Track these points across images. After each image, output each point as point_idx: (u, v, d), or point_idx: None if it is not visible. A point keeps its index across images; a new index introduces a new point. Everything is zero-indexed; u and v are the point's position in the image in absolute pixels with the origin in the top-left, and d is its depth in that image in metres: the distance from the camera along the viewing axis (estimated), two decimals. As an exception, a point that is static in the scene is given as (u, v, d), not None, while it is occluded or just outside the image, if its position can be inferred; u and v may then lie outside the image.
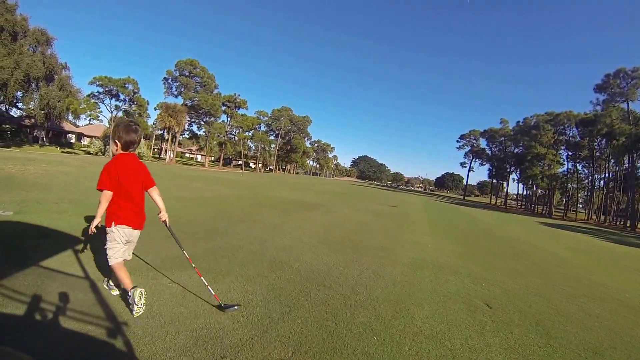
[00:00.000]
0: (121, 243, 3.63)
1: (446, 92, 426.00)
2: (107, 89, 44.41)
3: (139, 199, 3.87)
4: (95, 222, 3.38)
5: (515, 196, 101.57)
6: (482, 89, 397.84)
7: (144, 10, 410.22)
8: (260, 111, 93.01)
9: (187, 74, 60.99)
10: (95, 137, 54.50)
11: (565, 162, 68.04)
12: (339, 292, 5.06)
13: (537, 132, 66.58)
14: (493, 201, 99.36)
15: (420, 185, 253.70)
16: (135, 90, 46.39)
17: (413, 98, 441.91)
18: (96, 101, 44.39)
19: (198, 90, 62.47)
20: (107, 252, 3.57)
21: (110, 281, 4.00)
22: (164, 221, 4.18)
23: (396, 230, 12.74)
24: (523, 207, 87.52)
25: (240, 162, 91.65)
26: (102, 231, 3.59)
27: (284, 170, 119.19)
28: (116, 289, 3.93)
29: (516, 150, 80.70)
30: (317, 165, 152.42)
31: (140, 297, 3.36)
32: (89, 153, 46.28)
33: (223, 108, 69.32)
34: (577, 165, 67.46)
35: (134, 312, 3.36)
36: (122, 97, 46.00)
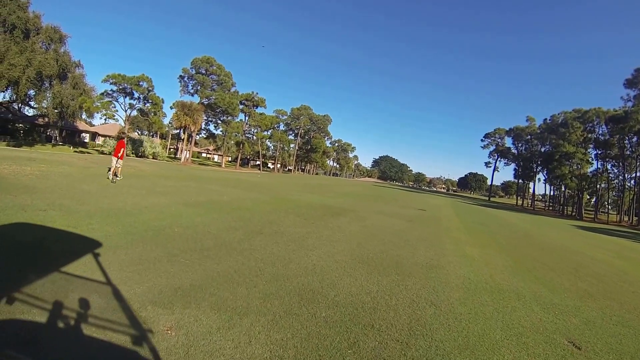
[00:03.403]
0: None
1: (469, 91, 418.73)
2: (120, 87, 44.13)
3: None
4: None
5: (540, 197, 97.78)
6: (506, 87, 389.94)
7: (159, 8, 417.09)
8: (279, 110, 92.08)
9: (203, 71, 60.38)
10: (109, 136, 54.37)
11: (594, 162, 65.53)
12: (393, 336, 3.96)
13: (566, 129, 64.11)
14: (519, 202, 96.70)
15: (443, 185, 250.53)
16: (150, 88, 46.01)
17: (435, 98, 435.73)
18: (110, 100, 44.10)
19: (215, 89, 61.80)
20: None
21: None
22: None
23: (435, 239, 11.74)
24: (550, 208, 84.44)
25: (258, 163, 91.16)
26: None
27: (303, 170, 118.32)
28: None
29: (543, 149, 78.32)
30: (337, 166, 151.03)
31: None
32: (102, 153, 45.76)
33: (241, 107, 68.58)
34: (607, 164, 64.73)
35: None
36: (136, 95, 45.75)
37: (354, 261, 7.25)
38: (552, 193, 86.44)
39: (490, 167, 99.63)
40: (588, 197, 78.49)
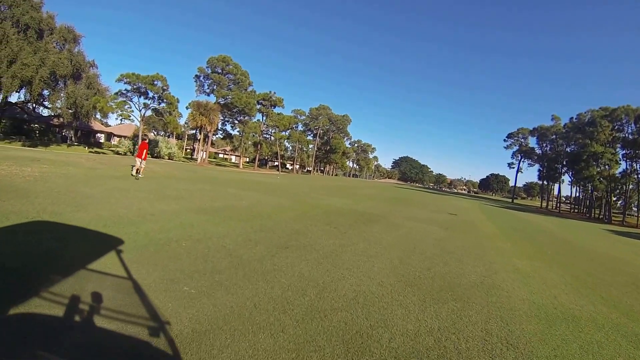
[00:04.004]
0: None
1: (491, 91, 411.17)
2: (135, 87, 43.69)
3: None
4: None
5: (564, 199, 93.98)
6: (530, 87, 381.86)
7: (174, 7, 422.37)
8: (297, 110, 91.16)
9: (219, 70, 59.80)
10: (124, 136, 54.26)
11: (622, 162, 62.33)
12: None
13: (594, 128, 61.34)
14: (543, 204, 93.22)
15: (464, 187, 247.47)
16: (165, 88, 45.44)
17: (456, 98, 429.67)
18: (124, 99, 43.76)
19: (231, 88, 61.16)
20: None
21: None
22: None
23: (478, 250, 10.56)
24: (576, 211, 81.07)
25: (276, 163, 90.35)
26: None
27: (322, 171, 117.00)
28: None
29: (568, 149, 75.32)
30: (357, 167, 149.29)
31: None
32: (117, 153, 45.84)
33: (258, 107, 67.86)
34: (635, 164, 61.30)
35: None
36: (150, 94, 45.23)
37: (400, 283, 5.97)
38: (576, 195, 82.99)
39: (513, 168, 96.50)
40: (614, 199, 75.28)
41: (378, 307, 4.73)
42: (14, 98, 43.71)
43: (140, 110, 45.33)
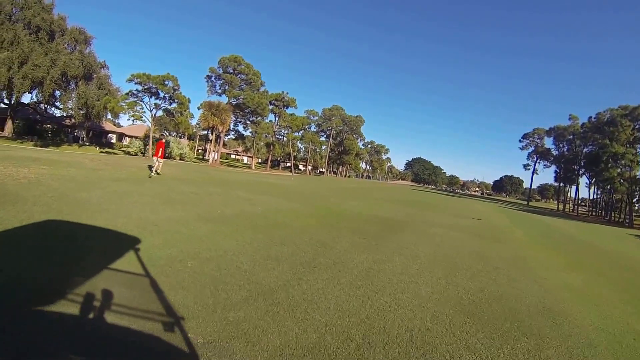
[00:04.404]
0: None
1: (505, 92, 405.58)
2: (146, 87, 42.92)
3: None
4: None
5: (579, 201, 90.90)
6: (545, 88, 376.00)
7: (184, 9, 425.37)
8: (310, 110, 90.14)
9: (231, 71, 58.89)
10: (136, 137, 53.74)
11: None
12: None
13: (614, 128, 59.14)
14: (559, 207, 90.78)
15: (477, 189, 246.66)
16: (176, 88, 44.48)
17: (469, 98, 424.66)
18: (135, 100, 43.10)
19: (243, 88, 60.22)
20: None
21: None
22: None
23: (519, 261, 9.73)
24: (594, 214, 78.35)
25: (288, 164, 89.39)
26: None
27: (334, 173, 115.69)
28: None
29: (586, 149, 73.09)
30: (370, 168, 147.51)
31: None
32: (128, 153, 45.33)
33: (270, 107, 66.86)
34: None
35: None
36: (161, 94, 44.33)
37: (455, 312, 4.89)
38: (594, 197, 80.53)
39: (529, 169, 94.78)
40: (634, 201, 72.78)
41: (442, 353, 3.65)
42: (26, 99, 44.35)
43: (151, 111, 44.60)
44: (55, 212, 7.15)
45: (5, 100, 41.83)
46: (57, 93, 42.12)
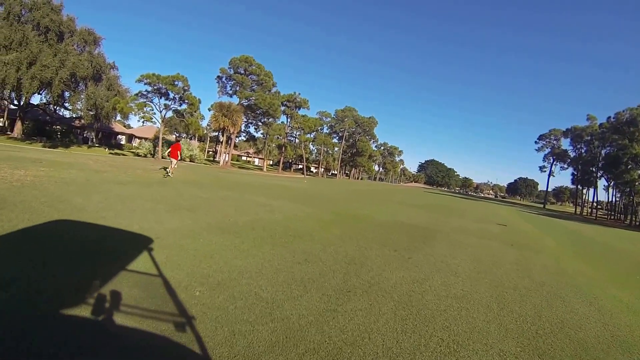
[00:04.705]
0: None
1: (519, 93, 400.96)
2: (155, 87, 42.47)
3: None
4: None
5: (595, 204, 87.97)
6: (561, 89, 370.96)
7: (194, 10, 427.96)
8: (323, 112, 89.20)
9: (242, 71, 58.21)
10: (146, 138, 53.33)
11: None
12: None
13: (634, 128, 57.14)
14: (577, 210, 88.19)
15: (490, 191, 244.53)
16: (186, 88, 43.94)
17: (483, 99, 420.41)
18: (145, 100, 42.60)
19: (254, 89, 59.49)
20: None
21: None
22: None
23: (564, 276, 8.56)
24: (613, 217, 75.56)
25: (300, 166, 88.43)
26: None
27: (347, 175, 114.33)
28: None
29: (604, 151, 70.88)
30: (383, 170, 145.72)
31: None
32: (137, 155, 45.07)
33: (282, 108, 66.06)
34: None
35: None
36: (171, 95, 43.86)
37: (523, 350, 4.01)
38: (611, 200, 77.83)
39: (545, 171, 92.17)
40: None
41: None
42: (35, 100, 44.44)
43: (160, 112, 44.05)
44: (43, 220, 6.11)
45: (15, 102, 41.84)
46: (67, 94, 42.00)
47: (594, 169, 74.26)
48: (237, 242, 6.87)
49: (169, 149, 18.98)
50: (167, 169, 18.72)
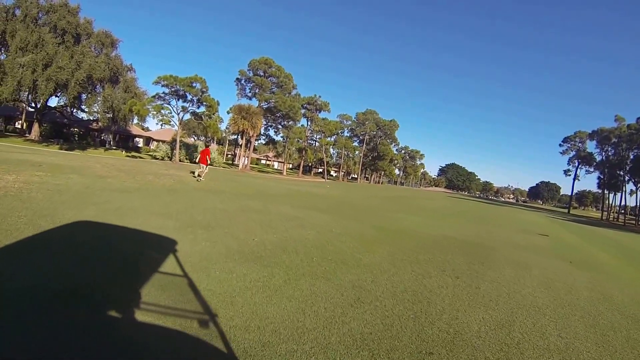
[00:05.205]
0: None
1: (544, 92, 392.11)
2: (172, 89, 41.41)
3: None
4: None
5: (622, 209, 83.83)
6: (589, 90, 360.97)
7: (213, 10, 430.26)
8: (343, 115, 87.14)
9: (261, 73, 56.81)
10: (163, 141, 52.45)
11: None
12: None
13: None
14: (603, 215, 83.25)
15: (511, 195, 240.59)
16: (204, 90, 42.62)
17: (505, 99, 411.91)
18: (162, 103, 41.60)
19: (274, 91, 58.04)
20: None
21: None
22: None
23: None
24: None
25: (320, 170, 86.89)
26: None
27: (367, 179, 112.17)
28: None
29: (632, 153, 67.32)
30: (403, 174, 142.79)
31: None
32: (155, 158, 44.20)
33: (302, 111, 64.59)
34: None
35: None
36: (189, 97, 42.69)
37: None
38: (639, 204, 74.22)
39: (569, 175, 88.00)
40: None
41: None
42: (53, 102, 44.24)
43: (178, 114, 42.94)
44: (11, 241, 4.42)
45: (32, 104, 41.49)
46: (83, 96, 41.52)
47: (621, 173, 70.84)
48: (265, 275, 5.04)
49: (199, 155, 19.67)
50: (197, 174, 19.37)
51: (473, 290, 5.95)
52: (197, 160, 20.23)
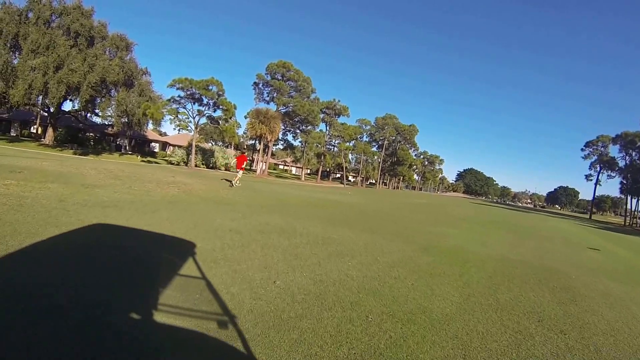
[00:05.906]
0: None
1: (564, 96, 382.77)
2: (188, 93, 39.98)
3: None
4: None
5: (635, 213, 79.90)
6: (610, 93, 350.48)
7: (229, 14, 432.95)
8: (363, 119, 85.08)
9: (279, 77, 55.34)
10: (179, 146, 51.13)
11: None
12: None
13: None
14: (626, 221, 79.99)
15: (529, 200, 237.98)
16: (220, 93, 41.05)
17: (524, 103, 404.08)
18: (177, 106, 40.13)
19: (292, 95, 56.50)
20: None
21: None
22: None
23: None
24: None
25: (338, 175, 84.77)
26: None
27: (385, 184, 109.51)
28: None
29: None
30: (422, 180, 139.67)
31: None
32: (170, 163, 43.02)
33: (321, 115, 62.69)
34: None
35: None
36: (205, 100, 41.21)
37: None
38: None
39: (591, 180, 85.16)
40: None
41: None
42: (68, 107, 43.30)
43: (194, 118, 41.39)
44: None
45: (46, 108, 40.59)
46: (97, 101, 40.47)
47: (646, 177, 68.05)
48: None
49: (235, 160, 21.76)
50: (232, 180, 20.78)
51: (592, 353, 3.97)
52: (233, 166, 21.48)
